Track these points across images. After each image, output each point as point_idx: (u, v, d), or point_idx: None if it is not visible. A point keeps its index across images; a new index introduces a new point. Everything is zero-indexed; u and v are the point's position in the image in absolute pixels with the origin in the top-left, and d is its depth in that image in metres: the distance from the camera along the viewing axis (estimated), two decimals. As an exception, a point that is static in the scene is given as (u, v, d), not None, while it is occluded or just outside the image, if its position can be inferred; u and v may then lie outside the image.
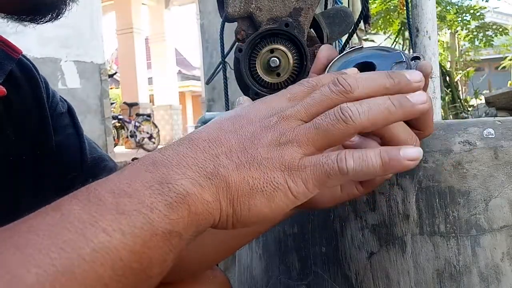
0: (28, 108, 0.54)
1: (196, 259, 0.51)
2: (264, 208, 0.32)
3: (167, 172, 0.30)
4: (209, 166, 0.31)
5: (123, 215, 0.27)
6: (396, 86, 0.35)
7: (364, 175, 0.32)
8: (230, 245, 0.50)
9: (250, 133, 0.33)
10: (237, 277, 0.76)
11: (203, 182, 0.30)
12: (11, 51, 0.52)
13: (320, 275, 0.54)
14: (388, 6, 6.62)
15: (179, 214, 0.29)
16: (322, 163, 0.32)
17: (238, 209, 0.31)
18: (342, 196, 0.43)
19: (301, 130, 0.33)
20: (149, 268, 0.28)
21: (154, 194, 0.28)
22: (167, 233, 0.28)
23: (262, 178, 0.31)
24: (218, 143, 0.32)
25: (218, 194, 0.31)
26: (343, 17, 0.68)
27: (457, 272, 0.44)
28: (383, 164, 0.32)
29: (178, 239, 0.29)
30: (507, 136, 0.44)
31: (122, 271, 0.27)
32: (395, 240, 0.47)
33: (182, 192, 0.29)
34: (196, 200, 0.30)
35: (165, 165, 0.30)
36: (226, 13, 0.63)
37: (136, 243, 0.27)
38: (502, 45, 10.68)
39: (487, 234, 0.44)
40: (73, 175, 0.55)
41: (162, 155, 0.31)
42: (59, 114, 0.58)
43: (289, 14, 0.63)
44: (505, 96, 3.84)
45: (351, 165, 0.32)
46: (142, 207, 0.28)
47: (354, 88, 0.34)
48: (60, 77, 4.98)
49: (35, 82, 0.56)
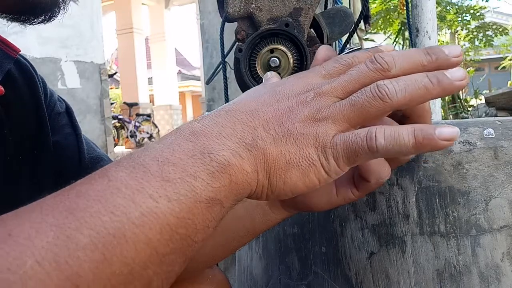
0: (26, 107, 0.54)
1: (196, 259, 0.51)
2: (298, 182, 0.32)
3: (208, 142, 0.31)
4: (248, 137, 0.32)
5: (168, 182, 0.28)
6: (433, 63, 0.34)
7: (395, 153, 0.32)
8: (230, 245, 0.50)
9: (286, 107, 0.33)
10: (237, 277, 0.76)
11: (242, 153, 0.31)
12: (9, 50, 0.52)
13: (320, 275, 0.54)
14: (388, 6, 6.62)
15: (221, 182, 0.30)
16: (352, 141, 0.32)
17: (274, 181, 0.32)
18: (337, 200, 0.43)
19: (337, 107, 0.33)
20: (194, 234, 0.29)
21: (197, 163, 0.29)
22: (210, 201, 0.29)
23: (297, 153, 0.32)
24: (255, 115, 0.33)
25: (257, 165, 0.32)
26: (343, 17, 0.68)
27: (457, 272, 0.44)
28: (416, 143, 0.31)
29: (220, 207, 0.30)
30: (507, 136, 0.44)
31: (169, 235, 0.27)
32: (395, 240, 0.47)
33: (224, 162, 0.30)
34: (236, 170, 0.30)
35: (205, 135, 0.31)
36: (226, 13, 0.63)
37: (181, 210, 0.28)
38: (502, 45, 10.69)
39: (487, 234, 0.44)
40: (71, 174, 0.55)
41: (202, 125, 0.32)
42: (57, 114, 0.58)
43: (289, 14, 0.63)
44: (505, 96, 3.84)
45: (381, 143, 0.31)
46: (186, 175, 0.29)
47: (391, 66, 0.34)
48: (60, 77, 4.97)
49: (33, 82, 0.56)
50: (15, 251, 0.23)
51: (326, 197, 0.43)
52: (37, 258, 0.24)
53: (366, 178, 0.40)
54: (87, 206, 0.26)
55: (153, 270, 0.27)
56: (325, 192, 0.43)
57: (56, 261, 0.24)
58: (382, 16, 6.67)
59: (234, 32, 0.65)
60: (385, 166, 0.40)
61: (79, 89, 5.18)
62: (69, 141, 0.58)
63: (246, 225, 0.48)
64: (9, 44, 0.52)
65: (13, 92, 0.52)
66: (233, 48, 0.73)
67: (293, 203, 0.46)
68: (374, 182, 0.40)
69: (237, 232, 0.48)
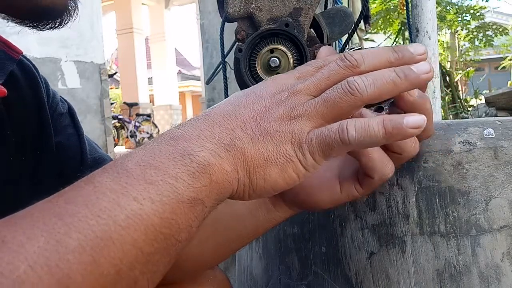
0: (28, 108, 0.54)
1: (197, 259, 0.51)
2: (278, 179, 0.34)
3: (187, 145, 0.32)
4: (226, 138, 0.33)
5: (151, 185, 0.29)
6: (400, 60, 0.36)
7: (367, 144, 0.34)
8: (232, 244, 0.50)
9: (262, 108, 0.35)
10: (237, 277, 0.76)
11: (221, 153, 0.32)
12: (12, 52, 0.52)
13: (320, 275, 0.54)
14: (388, 6, 6.61)
15: (201, 182, 0.31)
16: (325, 135, 0.33)
17: (254, 179, 0.34)
18: (341, 197, 0.43)
19: (311, 104, 0.35)
20: (178, 233, 0.30)
21: (178, 165, 0.31)
22: (192, 201, 0.30)
23: (275, 151, 0.34)
24: (233, 118, 0.34)
25: (236, 164, 0.33)
26: (343, 17, 0.68)
27: (457, 272, 0.44)
28: (386, 133, 0.33)
29: (202, 207, 0.31)
30: (507, 136, 0.44)
31: (153, 235, 0.29)
32: (395, 240, 0.47)
33: (203, 163, 0.31)
34: (216, 170, 0.32)
35: (184, 138, 0.32)
36: (226, 13, 0.63)
37: (165, 210, 0.29)
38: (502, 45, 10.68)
39: (487, 234, 0.44)
40: (73, 175, 0.55)
41: (182, 130, 0.33)
42: (59, 115, 0.59)
43: (289, 14, 0.63)
44: (505, 96, 3.84)
45: (353, 135, 0.33)
46: (167, 177, 0.30)
47: (360, 63, 0.35)
48: (60, 77, 4.97)
49: (35, 83, 0.56)
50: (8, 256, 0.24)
51: (330, 194, 0.43)
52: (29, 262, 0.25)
53: (370, 175, 0.40)
54: (75, 211, 0.27)
55: (140, 269, 0.28)
56: (329, 189, 0.43)
57: (47, 265, 0.25)
58: (382, 16, 6.66)
59: (234, 32, 0.65)
60: (389, 163, 0.40)
61: (79, 89, 5.18)
62: (72, 142, 0.58)
63: (248, 225, 0.48)
64: (11, 46, 0.52)
65: (16, 93, 0.52)
66: (233, 48, 0.73)
67: (297, 201, 0.46)
68: (378, 179, 0.40)
69: (239, 232, 0.48)
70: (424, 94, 0.40)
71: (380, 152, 0.40)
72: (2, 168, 0.49)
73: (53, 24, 0.49)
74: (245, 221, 0.48)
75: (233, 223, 0.48)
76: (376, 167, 0.39)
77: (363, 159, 0.39)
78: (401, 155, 0.41)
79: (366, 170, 0.40)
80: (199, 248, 0.49)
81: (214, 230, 0.49)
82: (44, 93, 0.57)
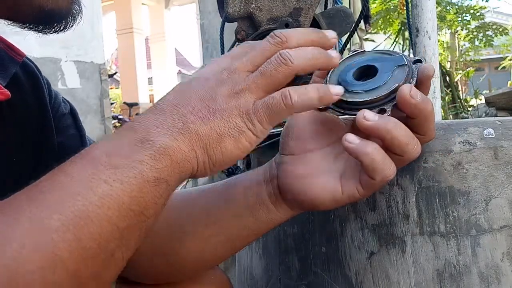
0: (31, 109, 0.55)
1: (197, 259, 0.51)
2: (233, 150, 0.38)
3: (146, 133, 0.35)
4: (179, 124, 0.36)
5: (118, 169, 0.33)
6: (320, 39, 0.42)
7: (306, 107, 0.39)
8: (233, 244, 0.50)
9: (207, 89, 0.38)
10: (237, 277, 0.76)
11: (177, 136, 0.36)
12: (15, 55, 0.53)
13: (320, 275, 0.54)
14: (388, 6, 6.61)
15: (163, 163, 0.34)
16: (270, 103, 0.38)
17: (212, 154, 0.37)
18: (343, 198, 0.43)
19: (250, 78, 0.39)
20: (146, 210, 0.34)
21: (140, 150, 0.34)
22: (156, 180, 0.34)
23: (226, 126, 0.37)
24: (182, 104, 0.38)
25: (192, 145, 0.36)
26: (343, 17, 0.68)
27: (457, 272, 0.44)
28: (319, 97, 0.39)
29: (166, 185, 0.35)
30: (507, 136, 0.44)
31: (125, 212, 0.32)
32: (395, 240, 0.47)
33: (163, 146, 0.35)
34: (175, 151, 0.35)
35: (142, 128, 0.36)
36: (226, 13, 0.63)
37: (132, 190, 0.33)
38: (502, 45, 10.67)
39: (487, 234, 0.44)
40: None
41: (138, 122, 0.37)
42: (61, 115, 0.59)
43: (289, 14, 0.63)
44: (505, 96, 3.84)
45: (295, 99, 0.38)
46: (131, 161, 0.33)
47: (289, 39, 0.40)
48: (60, 77, 4.97)
49: (38, 84, 0.57)
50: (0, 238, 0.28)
51: (331, 195, 0.43)
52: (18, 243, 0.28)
53: (372, 176, 0.40)
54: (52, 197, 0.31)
55: (115, 243, 0.32)
56: (331, 190, 0.43)
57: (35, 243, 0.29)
58: (382, 16, 6.65)
59: (234, 32, 0.65)
60: (391, 165, 0.40)
61: (79, 89, 5.18)
62: (73, 142, 0.58)
63: (249, 224, 0.48)
64: (14, 49, 0.54)
65: (19, 94, 0.53)
66: (233, 48, 0.72)
67: (298, 202, 0.46)
68: (380, 180, 0.40)
69: (240, 232, 0.48)
70: (426, 97, 0.40)
71: (382, 154, 0.40)
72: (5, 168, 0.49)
73: (57, 28, 0.50)
74: (245, 221, 0.48)
75: (234, 223, 0.48)
76: (378, 168, 0.39)
77: (366, 161, 0.39)
78: (402, 157, 0.41)
79: (368, 171, 0.40)
80: (200, 247, 0.49)
81: (215, 230, 0.49)
82: (47, 94, 0.58)
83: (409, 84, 0.40)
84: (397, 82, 0.41)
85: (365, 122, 0.39)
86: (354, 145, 0.39)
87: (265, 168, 0.49)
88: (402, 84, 0.40)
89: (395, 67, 0.42)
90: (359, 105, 0.41)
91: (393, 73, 0.42)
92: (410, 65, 0.42)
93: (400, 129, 0.39)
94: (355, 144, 0.39)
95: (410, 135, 0.40)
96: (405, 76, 0.41)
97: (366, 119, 0.39)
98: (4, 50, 0.53)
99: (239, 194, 0.48)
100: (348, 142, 0.39)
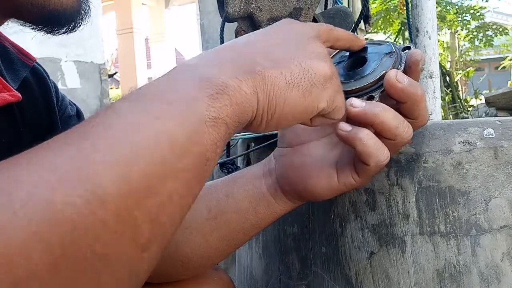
0: (40, 111, 0.56)
1: (202, 254, 0.51)
2: (298, 104, 0.35)
3: (206, 71, 0.33)
4: (247, 64, 0.34)
5: (172, 105, 0.30)
6: None
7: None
8: (235, 238, 0.51)
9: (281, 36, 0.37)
10: (237, 277, 0.76)
11: (240, 76, 0.33)
12: (26, 59, 0.55)
13: (320, 275, 0.54)
14: (388, 6, 6.61)
15: (221, 102, 0.31)
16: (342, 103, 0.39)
17: (273, 102, 0.34)
18: (339, 186, 0.44)
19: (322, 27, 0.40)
20: (205, 151, 0.30)
21: (196, 88, 0.31)
22: (214, 119, 0.31)
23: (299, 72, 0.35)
24: (255, 46, 0.36)
25: (256, 87, 0.33)
26: (343, 17, 0.68)
27: (457, 272, 0.44)
28: None
29: (225, 127, 0.32)
30: (507, 136, 0.44)
31: (181, 151, 0.29)
32: (395, 240, 0.47)
33: (222, 84, 0.32)
34: (235, 91, 0.32)
35: (205, 65, 0.34)
36: (226, 13, 0.63)
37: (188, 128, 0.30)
38: (502, 45, 10.66)
39: (487, 234, 0.44)
40: None
41: (202, 59, 0.35)
42: (68, 117, 0.61)
43: (289, 14, 0.63)
44: (505, 96, 3.84)
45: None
46: (187, 98, 0.31)
47: None
48: (60, 77, 4.97)
49: (46, 86, 0.58)
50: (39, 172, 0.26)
51: (328, 184, 0.44)
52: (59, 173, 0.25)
53: (366, 162, 0.41)
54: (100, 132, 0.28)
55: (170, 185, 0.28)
56: (327, 178, 0.44)
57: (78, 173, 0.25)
58: (382, 16, 6.65)
59: (234, 32, 0.65)
60: (384, 149, 0.41)
61: (79, 89, 5.18)
62: None
63: (250, 218, 0.49)
64: (25, 53, 0.55)
65: (29, 97, 0.54)
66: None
67: (296, 192, 0.47)
68: (374, 166, 0.41)
69: (242, 225, 0.49)
70: (416, 82, 0.41)
71: (374, 139, 0.40)
72: None
73: (67, 29, 0.50)
74: (247, 214, 0.49)
75: (236, 216, 0.49)
76: (371, 153, 0.40)
77: (358, 146, 0.40)
78: (395, 141, 0.41)
79: (362, 157, 0.41)
80: (204, 243, 0.50)
81: (217, 224, 0.50)
82: (54, 96, 0.59)
83: (395, 69, 0.41)
84: (385, 69, 0.42)
85: (352, 109, 0.39)
86: (346, 132, 0.40)
87: (264, 162, 0.50)
88: (389, 70, 0.41)
89: (383, 55, 0.43)
90: (348, 94, 0.42)
91: (381, 61, 0.43)
92: (398, 52, 0.43)
93: (388, 113, 0.40)
94: (347, 131, 0.40)
95: (399, 118, 0.41)
96: (392, 63, 0.42)
97: (353, 106, 0.39)
98: (15, 54, 0.55)
99: (239, 188, 0.49)
100: (340, 130, 0.40)
